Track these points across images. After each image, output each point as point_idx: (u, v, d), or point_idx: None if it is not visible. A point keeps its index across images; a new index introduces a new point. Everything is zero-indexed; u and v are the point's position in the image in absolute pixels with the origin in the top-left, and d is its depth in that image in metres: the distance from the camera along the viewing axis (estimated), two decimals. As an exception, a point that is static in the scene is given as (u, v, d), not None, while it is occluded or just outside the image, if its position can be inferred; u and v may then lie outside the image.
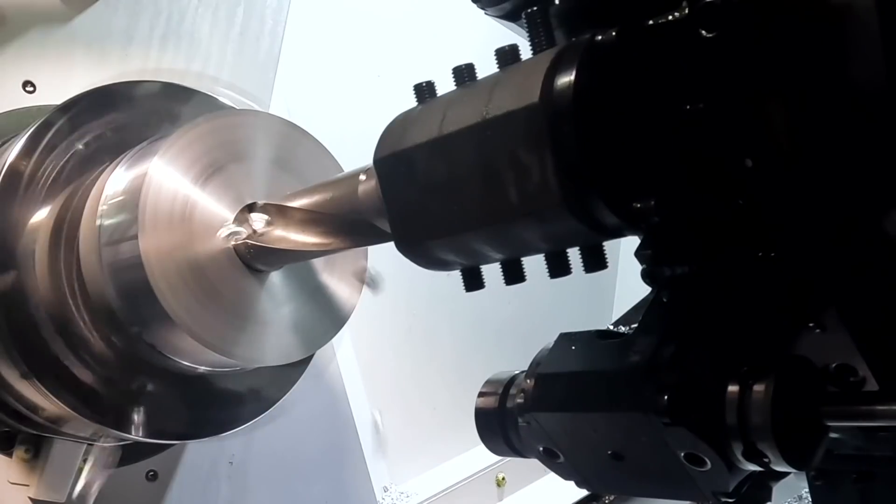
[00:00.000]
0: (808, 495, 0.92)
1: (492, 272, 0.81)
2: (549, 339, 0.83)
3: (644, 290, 0.81)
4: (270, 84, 1.82)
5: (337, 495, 1.92)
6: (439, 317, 2.23)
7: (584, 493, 2.03)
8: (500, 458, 0.88)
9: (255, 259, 1.17)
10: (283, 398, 1.45)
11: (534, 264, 0.80)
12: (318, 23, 2.04)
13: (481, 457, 2.21)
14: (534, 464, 0.85)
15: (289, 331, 1.24)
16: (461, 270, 0.82)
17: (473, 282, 0.82)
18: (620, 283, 2.64)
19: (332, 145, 1.30)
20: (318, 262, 1.26)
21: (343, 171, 1.19)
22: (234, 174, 1.20)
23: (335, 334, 1.31)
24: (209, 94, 1.48)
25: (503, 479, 2.25)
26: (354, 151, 0.94)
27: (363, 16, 2.15)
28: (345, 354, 1.97)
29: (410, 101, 0.87)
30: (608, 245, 0.75)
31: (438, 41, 2.20)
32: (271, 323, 1.21)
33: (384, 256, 0.98)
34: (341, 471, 1.95)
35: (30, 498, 1.40)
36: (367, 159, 0.91)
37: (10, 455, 1.41)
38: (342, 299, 1.30)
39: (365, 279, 1.30)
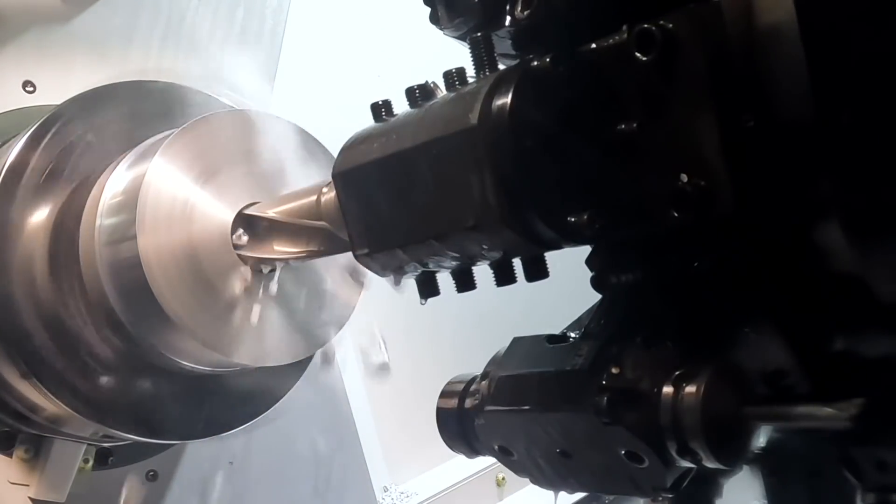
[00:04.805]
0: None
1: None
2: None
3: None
4: (270, 84, 1.82)
5: (337, 495, 1.92)
6: (439, 317, 2.23)
7: (583, 493, 2.03)
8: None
9: (253, 260, 1.17)
10: (283, 398, 1.45)
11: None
12: (318, 23, 2.04)
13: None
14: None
15: (289, 331, 1.24)
16: (416, 279, 0.86)
17: (428, 289, 0.87)
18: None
19: (332, 145, 1.30)
20: (318, 263, 1.26)
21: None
22: (233, 174, 1.21)
23: (335, 334, 1.31)
24: (209, 94, 1.48)
25: (503, 479, 2.25)
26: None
27: (363, 16, 2.15)
28: (345, 355, 1.97)
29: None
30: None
31: (438, 41, 2.20)
32: (271, 323, 1.21)
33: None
34: (341, 471, 1.95)
35: (30, 498, 1.40)
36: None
37: (10, 455, 1.41)
38: (342, 299, 1.30)
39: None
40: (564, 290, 1.27)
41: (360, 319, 1.32)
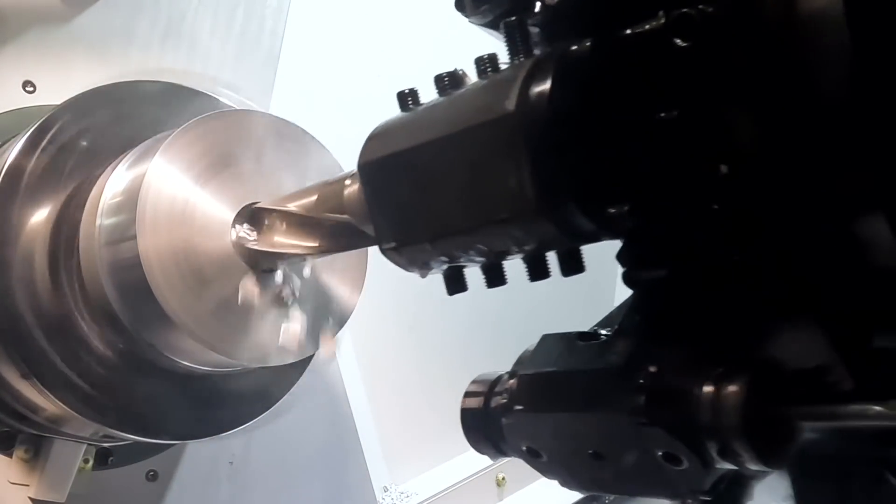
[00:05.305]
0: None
1: (481, 276, 0.82)
2: (549, 339, 0.83)
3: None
4: (270, 84, 1.83)
5: (337, 495, 1.92)
6: (440, 316, 2.23)
7: (586, 493, 2.04)
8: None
9: (253, 260, 1.17)
10: (283, 398, 1.45)
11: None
12: (318, 23, 2.04)
13: (481, 457, 2.21)
14: (534, 464, 0.86)
15: (289, 331, 1.24)
16: (443, 274, 0.83)
17: (455, 285, 0.84)
18: (620, 284, 2.64)
19: (332, 145, 1.30)
20: (318, 262, 1.26)
21: (343, 171, 1.19)
22: (234, 174, 1.20)
23: (335, 334, 1.31)
24: (209, 94, 1.48)
25: (503, 479, 2.25)
26: (355, 151, 0.95)
27: (363, 16, 2.15)
28: (345, 354, 1.97)
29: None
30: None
31: (439, 41, 2.20)
32: (271, 323, 1.21)
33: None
34: (341, 471, 1.95)
35: (30, 498, 1.40)
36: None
37: (10, 455, 1.41)
38: (342, 299, 1.30)
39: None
40: (563, 291, 1.27)
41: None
